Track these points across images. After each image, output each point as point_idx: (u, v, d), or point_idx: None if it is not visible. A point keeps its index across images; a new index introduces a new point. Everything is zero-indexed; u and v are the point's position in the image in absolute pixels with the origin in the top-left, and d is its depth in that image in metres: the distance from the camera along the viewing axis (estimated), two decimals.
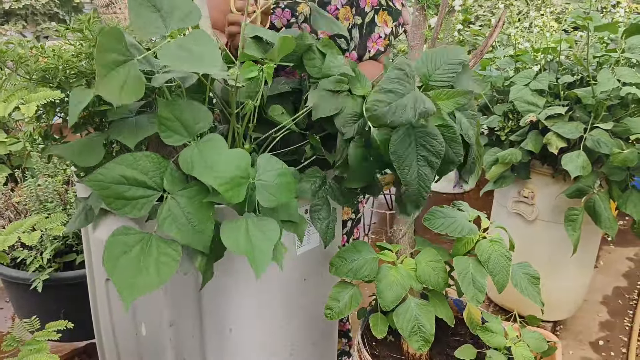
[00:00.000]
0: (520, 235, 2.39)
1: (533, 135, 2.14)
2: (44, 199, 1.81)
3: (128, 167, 0.92)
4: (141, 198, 0.92)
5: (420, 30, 1.28)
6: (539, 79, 2.17)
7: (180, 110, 1.00)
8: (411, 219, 1.38)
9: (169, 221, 0.92)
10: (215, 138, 1.01)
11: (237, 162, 0.99)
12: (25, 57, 1.07)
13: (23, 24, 4.86)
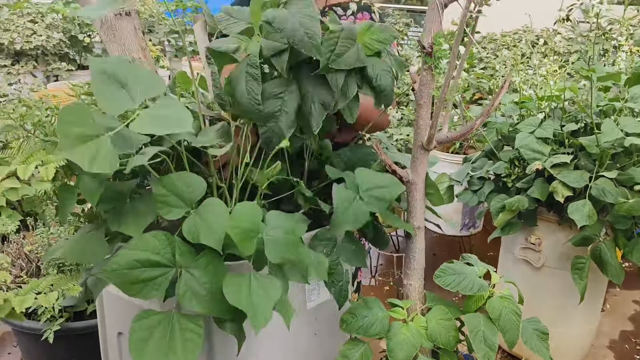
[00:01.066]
0: (528, 281, 2.39)
1: (539, 183, 2.15)
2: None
3: (139, 251, 0.94)
4: (157, 278, 0.94)
5: (428, 90, 1.31)
6: (544, 126, 2.20)
7: (174, 184, 1.03)
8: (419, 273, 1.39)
9: (188, 295, 0.94)
10: (212, 202, 1.03)
11: (251, 216, 1.02)
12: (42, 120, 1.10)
13: (34, 64, 4.94)
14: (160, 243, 0.97)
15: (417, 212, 1.36)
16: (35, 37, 4.91)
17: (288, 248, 1.05)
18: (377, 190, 1.25)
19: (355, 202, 1.22)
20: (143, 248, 0.96)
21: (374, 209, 1.24)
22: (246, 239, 0.97)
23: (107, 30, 1.32)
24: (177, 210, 1.02)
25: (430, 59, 1.26)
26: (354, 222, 1.21)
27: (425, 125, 1.32)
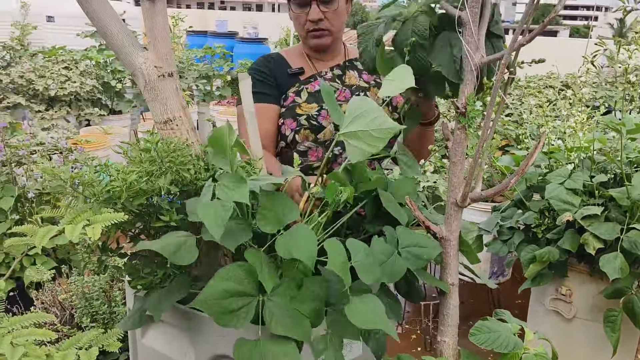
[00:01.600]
0: (559, 333, 2.35)
1: (570, 234, 2.14)
2: (89, 297, 1.85)
3: (227, 281, 1.00)
4: (243, 307, 1.00)
5: (462, 148, 1.33)
6: (574, 177, 2.20)
7: (275, 203, 1.13)
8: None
9: (274, 322, 1.00)
10: (303, 228, 1.12)
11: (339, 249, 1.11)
12: (92, 180, 1.14)
13: (67, 109, 5.09)
14: (244, 272, 1.04)
15: (452, 269, 1.37)
16: (69, 84, 5.07)
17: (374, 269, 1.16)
18: (416, 249, 1.28)
19: (393, 257, 1.25)
20: (229, 278, 1.02)
21: (410, 266, 1.26)
22: (344, 269, 1.07)
23: (150, 90, 1.37)
24: (270, 226, 1.10)
25: (464, 118, 1.29)
26: (390, 276, 1.23)
27: (459, 183, 1.34)
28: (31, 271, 1.96)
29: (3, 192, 2.30)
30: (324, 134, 1.83)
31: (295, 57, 1.92)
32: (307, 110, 1.83)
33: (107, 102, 5.44)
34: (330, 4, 1.80)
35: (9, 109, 4.77)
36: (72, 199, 1.12)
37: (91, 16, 1.42)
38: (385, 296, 1.33)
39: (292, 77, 1.87)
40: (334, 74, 1.91)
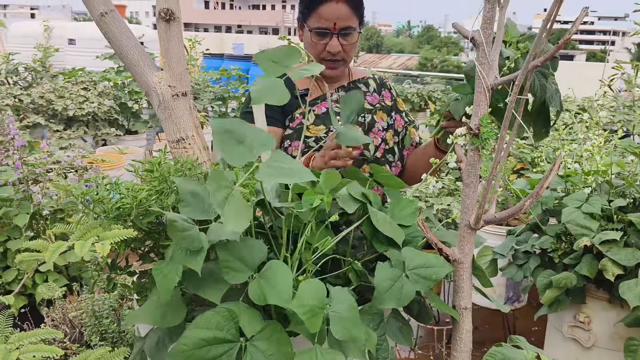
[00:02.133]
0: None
1: (588, 260, 2.10)
2: (99, 315, 1.84)
3: (204, 329, 0.96)
4: (223, 355, 0.96)
5: (475, 170, 1.31)
6: (591, 202, 2.17)
7: (238, 250, 1.07)
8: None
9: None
10: (276, 265, 1.07)
11: (317, 292, 1.04)
12: (102, 197, 1.14)
13: (85, 129, 5.15)
14: (223, 318, 0.99)
15: (465, 292, 1.34)
16: (87, 104, 5.14)
17: (353, 324, 1.06)
18: (424, 270, 1.25)
19: (400, 280, 1.22)
20: (207, 326, 0.98)
21: (419, 288, 1.23)
22: (313, 316, 0.99)
23: (164, 110, 1.38)
24: (240, 275, 1.05)
25: (478, 140, 1.27)
26: (397, 300, 1.20)
27: (472, 205, 1.32)
28: (43, 288, 1.96)
29: (19, 209, 2.32)
30: None
31: (303, 81, 1.92)
32: (314, 133, 1.83)
33: (123, 123, 5.50)
34: (349, 37, 1.82)
35: (29, 128, 4.84)
36: (82, 216, 1.12)
37: (108, 36, 1.45)
38: (396, 320, 1.30)
39: (296, 99, 1.87)
40: (339, 96, 1.91)
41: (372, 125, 1.90)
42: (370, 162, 1.87)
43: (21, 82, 5.75)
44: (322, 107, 1.87)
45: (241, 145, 1.02)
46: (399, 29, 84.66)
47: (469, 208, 1.33)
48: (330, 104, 1.46)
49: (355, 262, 1.27)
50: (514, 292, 3.08)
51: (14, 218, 2.28)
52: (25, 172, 2.41)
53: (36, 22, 11.25)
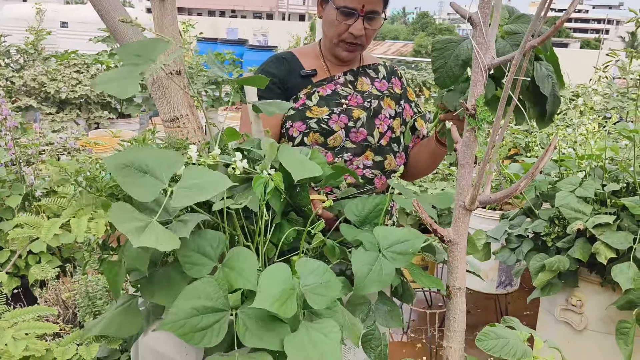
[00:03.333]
0: (569, 345, 2.31)
1: (580, 243, 2.11)
2: (92, 296, 1.84)
3: (195, 299, 0.95)
4: (215, 323, 0.95)
5: (471, 150, 1.31)
6: (585, 186, 2.17)
7: (196, 243, 1.06)
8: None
9: (248, 334, 0.95)
10: (238, 251, 1.06)
11: (281, 276, 1.01)
12: (95, 176, 1.13)
13: (77, 112, 5.12)
14: (212, 288, 0.99)
15: (459, 273, 1.34)
16: (80, 87, 5.10)
17: (330, 288, 1.05)
18: (399, 246, 1.24)
19: (378, 262, 1.21)
20: (197, 296, 0.97)
21: (398, 265, 1.23)
22: (283, 303, 0.97)
23: (157, 88, 1.36)
24: (204, 267, 1.04)
25: (474, 120, 1.27)
26: (379, 283, 1.19)
27: (467, 186, 1.32)
28: (36, 269, 1.95)
29: (11, 190, 2.30)
30: (334, 139, 1.79)
31: (309, 58, 1.89)
32: (317, 114, 1.79)
33: (116, 106, 5.46)
34: (374, 21, 1.78)
35: (21, 110, 4.81)
36: (75, 194, 1.11)
37: (101, 13, 1.43)
38: (383, 304, 1.30)
39: (304, 78, 1.84)
40: (347, 79, 1.88)
41: (379, 112, 1.86)
42: (373, 149, 1.84)
43: (13, 65, 5.70)
44: (327, 89, 1.84)
45: (147, 176, 0.98)
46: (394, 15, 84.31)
47: (464, 189, 1.32)
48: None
49: (329, 241, 1.26)
50: (506, 276, 3.09)
51: (7, 199, 2.26)
52: (18, 153, 2.39)
53: (28, 5, 11.10)
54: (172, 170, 1.00)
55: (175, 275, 1.04)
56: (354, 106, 1.83)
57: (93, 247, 1.31)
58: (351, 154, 1.80)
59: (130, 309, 1.07)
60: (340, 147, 1.80)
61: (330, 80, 1.86)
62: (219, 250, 1.07)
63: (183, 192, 0.95)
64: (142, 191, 0.95)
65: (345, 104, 1.82)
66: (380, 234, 1.25)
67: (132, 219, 0.91)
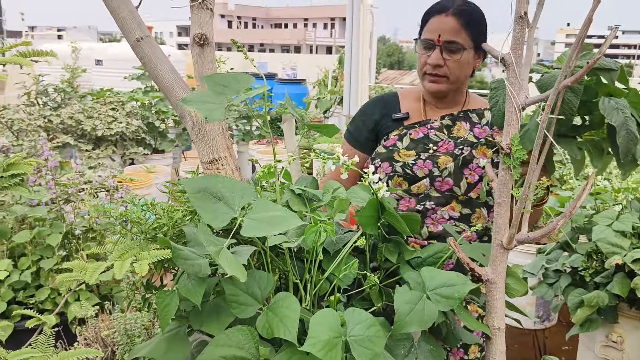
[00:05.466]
0: None
1: (619, 278, 2.07)
2: (131, 334, 1.87)
3: (225, 347, 0.96)
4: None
5: (507, 189, 1.31)
6: (622, 219, 2.14)
7: (245, 284, 1.06)
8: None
9: None
10: (284, 297, 1.05)
11: (329, 323, 1.01)
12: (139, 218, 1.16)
13: (113, 148, 5.25)
14: (244, 337, 0.99)
15: (498, 313, 1.33)
16: (115, 124, 5.24)
17: (374, 342, 1.04)
18: (445, 289, 1.24)
19: (421, 302, 1.21)
20: (228, 344, 0.97)
21: (442, 308, 1.22)
22: (330, 350, 0.97)
23: (197, 131, 1.41)
24: (250, 308, 1.05)
25: (509, 159, 1.28)
26: (420, 323, 1.19)
27: (504, 224, 1.32)
28: (75, 307, 1.99)
29: (52, 228, 2.37)
30: (417, 187, 1.75)
31: (409, 100, 1.88)
32: (404, 158, 1.75)
33: (150, 142, 5.59)
34: (454, 53, 1.72)
35: (58, 148, 4.95)
36: (120, 236, 1.14)
37: (144, 61, 1.48)
38: (426, 343, 1.30)
39: (395, 122, 1.84)
40: (443, 124, 1.82)
41: (469, 161, 1.76)
42: (460, 201, 1.76)
43: (50, 103, 5.88)
44: (419, 132, 1.79)
45: (220, 203, 1.01)
46: None
47: (501, 228, 1.32)
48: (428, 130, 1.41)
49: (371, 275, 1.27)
50: (544, 311, 3.04)
51: (47, 237, 2.33)
52: (58, 192, 2.47)
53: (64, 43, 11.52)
54: (244, 200, 1.02)
55: (224, 306, 1.06)
56: (442, 153, 1.76)
57: (137, 286, 1.34)
58: (434, 203, 1.74)
59: (179, 336, 1.08)
60: (425, 194, 1.75)
61: (424, 124, 1.81)
62: (266, 291, 1.07)
63: (253, 224, 0.97)
64: (214, 217, 0.97)
65: (434, 149, 1.76)
66: (427, 275, 1.25)
67: (211, 242, 0.94)
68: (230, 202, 1.00)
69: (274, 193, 1.26)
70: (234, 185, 1.03)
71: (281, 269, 1.26)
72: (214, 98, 1.11)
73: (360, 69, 6.91)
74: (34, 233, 2.32)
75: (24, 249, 2.35)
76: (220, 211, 0.99)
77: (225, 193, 1.01)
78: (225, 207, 0.99)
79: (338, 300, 1.26)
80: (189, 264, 1.03)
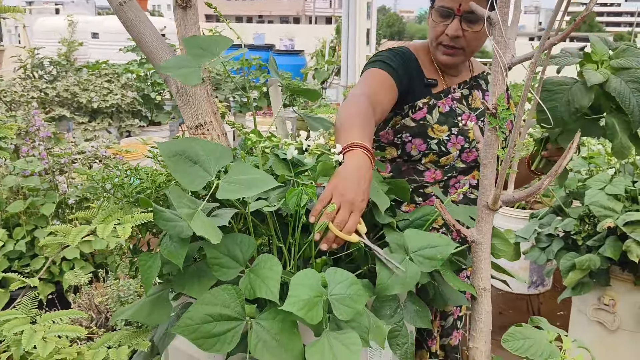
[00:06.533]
0: (602, 345, 2.27)
1: (611, 242, 2.08)
2: (124, 300, 1.88)
3: (210, 305, 0.96)
4: (228, 331, 0.96)
5: (493, 150, 1.30)
6: (615, 183, 2.14)
7: (226, 247, 1.07)
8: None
9: (259, 346, 0.95)
10: (265, 258, 1.06)
11: (310, 282, 1.02)
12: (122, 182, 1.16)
13: (109, 121, 5.23)
14: (230, 296, 1.00)
15: (483, 273, 1.34)
16: (111, 96, 5.22)
17: (355, 300, 1.05)
18: (428, 250, 1.25)
19: (403, 264, 1.21)
20: (213, 302, 0.98)
21: (424, 269, 1.23)
22: (311, 309, 0.97)
23: (182, 96, 1.39)
24: (231, 270, 1.06)
25: (495, 119, 1.27)
26: (402, 285, 1.20)
27: (490, 185, 1.31)
28: (69, 275, 2.00)
29: (45, 198, 2.37)
30: (446, 159, 1.69)
31: (426, 61, 1.74)
32: (438, 134, 1.67)
33: (146, 114, 5.56)
34: (474, 23, 1.60)
35: (54, 120, 4.93)
36: (103, 201, 1.14)
37: (127, 25, 1.46)
38: (412, 303, 1.31)
39: (426, 87, 1.70)
40: (462, 94, 1.74)
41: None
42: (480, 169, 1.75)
43: (46, 76, 5.84)
44: (445, 105, 1.69)
45: (196, 166, 1.01)
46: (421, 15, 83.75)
47: (486, 188, 1.32)
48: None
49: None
50: (537, 276, 3.06)
51: (41, 207, 2.33)
52: (51, 162, 2.46)
53: (60, 17, 11.40)
54: (220, 163, 1.02)
55: (207, 269, 1.06)
56: (469, 127, 1.71)
57: (124, 251, 1.34)
58: (458, 173, 1.72)
59: (161, 298, 1.09)
60: (450, 165, 1.70)
61: (447, 94, 1.72)
62: (248, 254, 1.08)
63: (229, 186, 0.97)
64: (190, 180, 0.97)
65: (462, 123, 1.70)
66: (410, 237, 1.26)
67: (184, 204, 0.94)
68: (206, 166, 1.00)
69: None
70: (211, 149, 1.03)
71: (266, 234, 1.26)
72: (192, 62, 1.11)
73: (357, 38, 6.84)
74: (28, 203, 2.32)
75: (19, 219, 2.36)
76: (196, 174, 0.99)
77: (201, 156, 1.01)
78: (201, 171, 0.99)
79: (324, 262, 1.27)
80: (171, 225, 1.04)
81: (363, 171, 1.21)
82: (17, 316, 0.96)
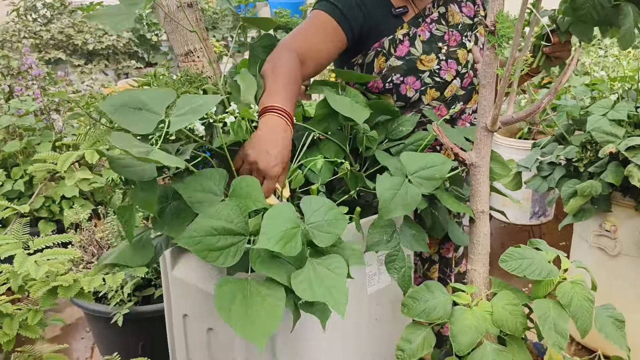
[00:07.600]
0: (603, 270, 2.28)
1: (613, 167, 2.05)
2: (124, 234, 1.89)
3: (214, 219, 0.97)
4: (232, 246, 0.97)
5: (492, 69, 1.26)
6: (617, 108, 2.09)
7: (199, 183, 1.07)
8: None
9: (259, 262, 0.97)
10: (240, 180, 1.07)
11: (283, 216, 1.02)
12: None
13: (105, 63, 5.15)
14: (234, 212, 1.00)
15: (481, 196, 1.32)
16: (106, 37, 5.12)
17: (335, 226, 1.05)
18: (426, 171, 1.24)
19: (404, 186, 1.20)
20: (217, 217, 0.99)
21: (424, 190, 1.22)
22: (287, 242, 0.98)
23: (170, 22, 1.35)
24: (211, 203, 1.05)
25: (494, 37, 1.22)
26: (404, 207, 1.19)
27: (488, 106, 1.28)
28: (69, 212, 2.01)
29: (42, 137, 2.36)
30: (450, 90, 1.58)
31: None
32: (428, 65, 1.53)
33: (143, 55, 5.48)
34: None
35: (50, 63, 4.86)
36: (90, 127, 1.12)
37: None
38: (409, 228, 1.30)
39: (395, 18, 1.53)
40: (440, 13, 1.58)
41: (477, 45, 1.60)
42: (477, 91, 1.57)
43: (40, 19, 5.72)
44: (425, 32, 1.55)
45: (142, 112, 0.99)
46: None
47: (485, 109, 1.29)
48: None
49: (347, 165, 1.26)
50: (539, 206, 3.05)
51: (38, 146, 2.32)
52: (45, 101, 2.43)
53: None
54: (166, 103, 1.01)
55: (185, 207, 1.06)
56: (454, 46, 1.58)
57: (116, 182, 1.33)
58: (463, 102, 1.62)
59: (142, 241, 1.11)
60: (453, 96, 1.59)
61: (424, 18, 1.56)
62: (222, 185, 1.08)
63: (177, 119, 0.97)
64: (140, 125, 0.96)
65: (447, 45, 1.57)
66: (407, 159, 1.25)
67: (134, 146, 0.92)
68: (153, 109, 0.99)
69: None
70: (154, 94, 1.02)
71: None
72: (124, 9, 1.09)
73: None
74: (24, 143, 2.31)
75: (16, 159, 2.35)
76: (145, 118, 0.97)
77: (146, 102, 0.99)
78: (148, 114, 0.98)
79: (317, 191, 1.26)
80: (131, 171, 1.02)
81: (275, 135, 1.19)
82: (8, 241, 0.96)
